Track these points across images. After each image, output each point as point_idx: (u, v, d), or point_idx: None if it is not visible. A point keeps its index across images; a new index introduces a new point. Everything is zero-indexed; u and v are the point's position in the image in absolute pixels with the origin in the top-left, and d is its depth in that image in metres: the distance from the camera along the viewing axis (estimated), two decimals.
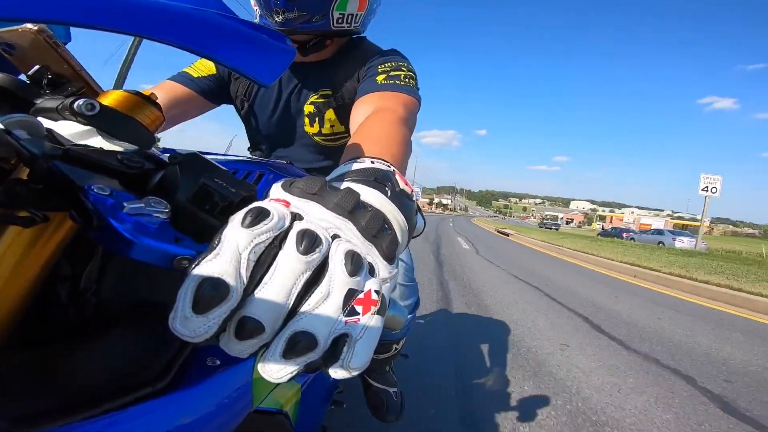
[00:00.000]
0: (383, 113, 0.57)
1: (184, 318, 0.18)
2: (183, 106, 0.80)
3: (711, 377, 2.25)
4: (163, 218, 0.24)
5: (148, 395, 0.27)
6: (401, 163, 0.42)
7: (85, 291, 0.32)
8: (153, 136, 0.34)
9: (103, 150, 0.28)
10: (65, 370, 0.26)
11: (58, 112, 0.29)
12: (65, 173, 0.23)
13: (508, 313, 3.19)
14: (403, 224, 0.26)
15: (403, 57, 0.76)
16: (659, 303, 4.40)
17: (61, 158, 0.24)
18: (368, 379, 1.00)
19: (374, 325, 0.20)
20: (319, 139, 0.84)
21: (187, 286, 0.18)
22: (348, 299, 0.20)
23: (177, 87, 0.80)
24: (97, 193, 0.22)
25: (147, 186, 0.28)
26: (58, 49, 0.35)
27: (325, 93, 0.79)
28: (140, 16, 0.23)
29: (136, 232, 0.21)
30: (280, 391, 0.45)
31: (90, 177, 0.25)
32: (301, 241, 0.20)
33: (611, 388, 1.96)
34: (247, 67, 0.27)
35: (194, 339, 0.18)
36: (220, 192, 0.26)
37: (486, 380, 1.92)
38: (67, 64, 0.36)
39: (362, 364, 0.20)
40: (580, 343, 2.62)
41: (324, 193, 0.23)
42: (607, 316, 3.48)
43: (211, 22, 0.27)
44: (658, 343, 2.80)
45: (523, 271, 5.94)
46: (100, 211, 0.22)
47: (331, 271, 0.20)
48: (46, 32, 0.35)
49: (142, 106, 0.33)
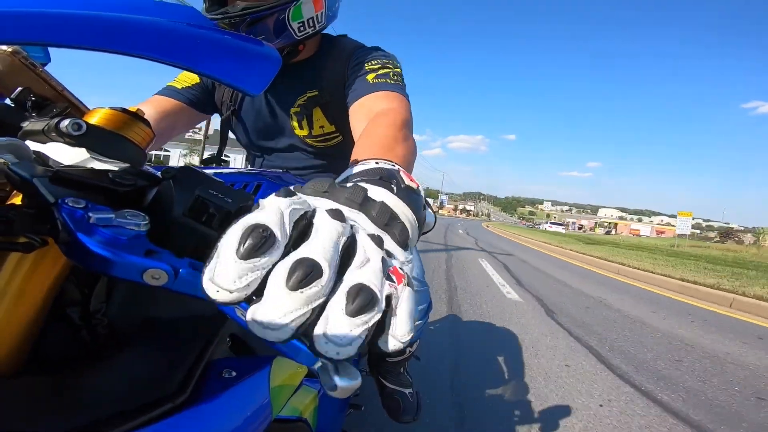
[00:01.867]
0: (384, 116, 0.58)
1: (225, 267, 0.16)
2: (172, 118, 0.79)
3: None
4: (137, 230, 0.23)
5: (169, 411, 0.26)
6: (405, 160, 0.43)
7: (96, 312, 0.31)
8: (144, 152, 0.34)
9: (94, 170, 0.28)
10: (83, 391, 0.26)
11: (45, 134, 0.28)
12: (41, 190, 0.23)
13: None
14: (411, 219, 0.27)
15: (388, 54, 0.76)
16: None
17: (50, 179, 0.23)
18: (383, 381, 1.00)
19: (409, 295, 0.20)
20: (310, 141, 0.83)
21: (233, 231, 0.17)
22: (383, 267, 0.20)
23: (164, 100, 0.79)
24: (70, 206, 0.22)
25: (142, 203, 0.28)
26: (36, 70, 0.35)
27: (312, 94, 0.78)
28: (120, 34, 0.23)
29: (102, 244, 0.20)
30: (298, 398, 0.45)
31: (70, 194, 0.24)
32: (333, 213, 0.20)
33: None
34: (234, 79, 0.26)
35: (231, 294, 0.16)
36: (216, 203, 0.25)
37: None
38: (48, 84, 0.35)
39: (408, 330, 0.19)
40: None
41: (334, 190, 0.24)
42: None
43: (194, 36, 0.26)
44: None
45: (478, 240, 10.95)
46: (68, 224, 0.21)
47: (362, 242, 0.20)
48: (21, 53, 0.34)
49: (130, 123, 0.33)
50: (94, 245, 0.20)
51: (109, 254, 0.20)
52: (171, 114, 0.79)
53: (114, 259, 0.20)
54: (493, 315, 2.93)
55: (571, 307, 3.51)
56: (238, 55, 0.28)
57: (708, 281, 5.73)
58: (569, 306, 3.57)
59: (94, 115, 0.32)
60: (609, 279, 6.09)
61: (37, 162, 0.25)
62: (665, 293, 5.15)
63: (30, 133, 0.29)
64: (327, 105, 0.78)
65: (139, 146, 0.33)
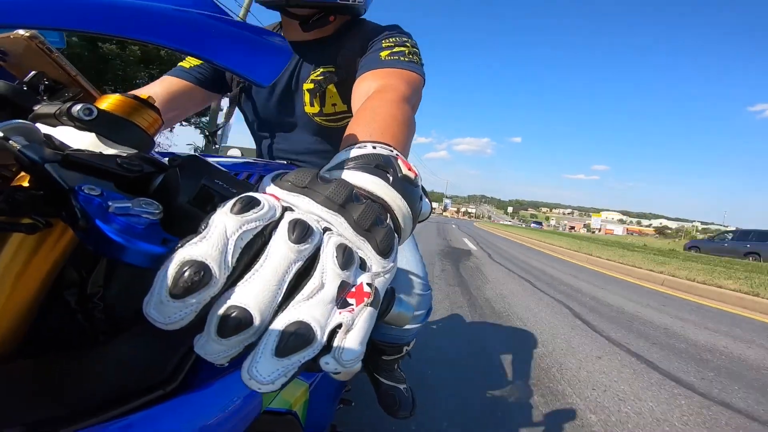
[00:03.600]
0: (385, 92, 0.55)
1: (159, 302, 0.16)
2: (182, 99, 0.79)
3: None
4: (153, 219, 0.23)
5: (159, 398, 0.27)
6: (404, 144, 0.41)
7: (92, 296, 0.31)
8: (152, 139, 0.34)
9: (103, 154, 0.28)
10: (77, 376, 0.26)
11: (56, 118, 0.29)
12: (55, 176, 0.23)
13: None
14: (406, 211, 0.26)
15: (406, 33, 0.74)
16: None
17: (60, 163, 0.24)
18: (378, 378, 1.00)
19: (367, 317, 0.19)
20: (320, 120, 0.80)
21: (167, 268, 0.17)
22: (340, 292, 0.19)
23: (174, 81, 0.79)
24: (87, 193, 0.22)
25: (148, 189, 0.28)
26: (51, 54, 0.35)
27: (327, 69, 0.77)
28: (135, 20, 0.23)
29: (121, 232, 0.21)
30: (288, 391, 0.45)
31: (84, 179, 0.24)
32: (293, 229, 0.19)
33: None
34: (244, 68, 0.27)
35: (167, 326, 0.17)
36: (221, 193, 0.26)
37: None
38: (62, 69, 0.36)
39: (355, 356, 0.19)
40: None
41: (315, 186, 0.23)
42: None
43: (206, 24, 0.27)
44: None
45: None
46: (86, 211, 0.21)
47: (323, 262, 0.19)
48: (38, 38, 0.35)
49: (140, 109, 0.33)
50: (112, 233, 0.21)
51: (127, 242, 0.21)
52: (180, 95, 0.79)
53: (132, 247, 0.21)
54: (462, 254, 7.03)
55: (500, 254, 8.02)
56: (249, 46, 0.28)
57: (603, 254, 8.84)
58: (499, 253, 8.24)
59: (105, 100, 0.33)
60: (538, 252, 9.98)
61: (46, 145, 0.26)
62: (567, 258, 8.80)
63: (41, 116, 0.30)
64: (342, 83, 0.76)
65: (147, 132, 0.33)
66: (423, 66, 0.68)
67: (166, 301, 0.16)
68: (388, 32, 0.73)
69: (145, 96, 0.34)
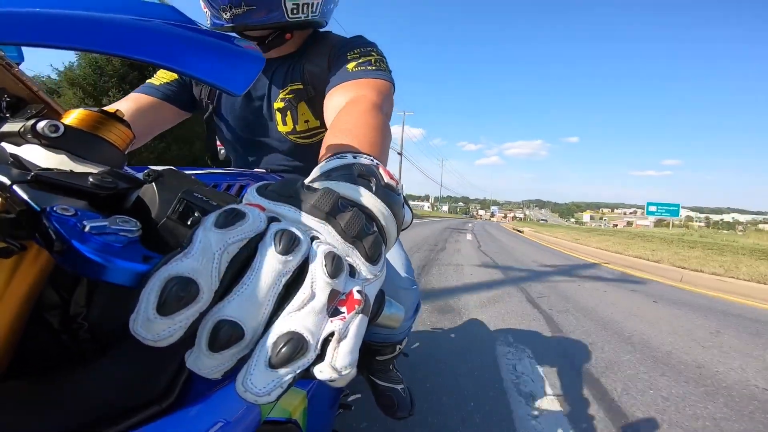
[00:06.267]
0: (358, 102, 0.56)
1: (147, 320, 0.16)
2: (151, 116, 0.77)
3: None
4: (131, 237, 0.23)
5: (156, 414, 0.26)
6: (382, 151, 0.41)
7: (76, 316, 0.30)
8: (124, 154, 0.33)
9: (73, 172, 0.27)
10: (67, 395, 0.25)
11: (20, 136, 0.27)
12: (24, 197, 0.22)
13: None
14: (390, 218, 0.26)
15: (370, 42, 0.75)
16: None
17: (28, 184, 0.23)
18: (374, 380, 1.00)
19: (359, 324, 0.20)
20: (294, 138, 0.80)
21: (153, 284, 0.16)
22: (331, 300, 0.19)
23: (142, 98, 0.77)
24: (59, 214, 0.21)
25: (123, 206, 0.27)
26: (11, 69, 0.33)
27: (296, 87, 0.77)
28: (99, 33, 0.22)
29: (100, 251, 0.20)
30: (287, 400, 0.45)
31: (54, 200, 0.23)
32: (280, 240, 0.19)
33: None
34: (216, 77, 0.26)
35: (156, 343, 0.16)
36: (200, 206, 0.25)
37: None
38: (23, 84, 0.34)
39: (349, 362, 0.19)
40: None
41: (300, 195, 0.22)
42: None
43: (173, 34, 0.26)
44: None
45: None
46: (61, 233, 0.20)
47: (312, 272, 0.19)
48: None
49: (108, 123, 0.32)
50: (91, 253, 0.20)
51: (107, 261, 0.20)
52: (149, 111, 0.76)
53: (112, 266, 0.20)
54: (460, 238, 10.23)
55: (490, 240, 10.77)
56: (220, 54, 0.27)
57: (590, 240, 10.80)
58: (490, 239, 11.02)
59: (71, 116, 0.31)
60: (532, 241, 11.72)
61: (13, 165, 0.25)
62: (550, 245, 10.51)
63: (5, 134, 0.28)
64: (312, 99, 0.76)
65: (118, 147, 0.32)
66: (391, 72, 0.70)
67: (153, 318, 0.16)
68: (353, 44, 0.74)
69: (112, 110, 0.33)
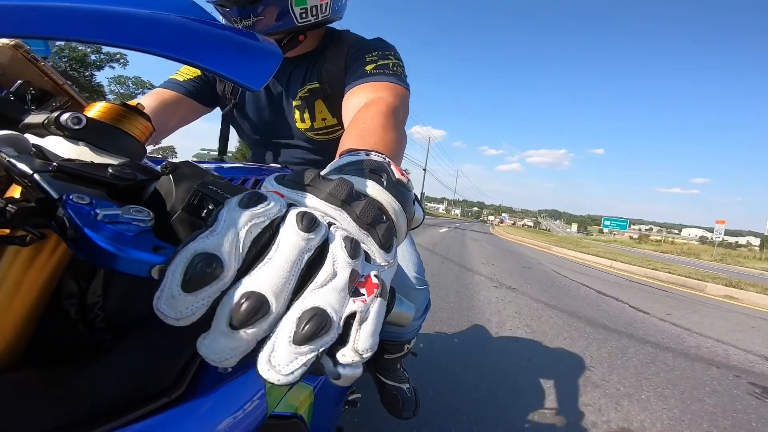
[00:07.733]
0: (375, 104, 0.57)
1: (171, 297, 0.16)
2: (173, 111, 0.79)
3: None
4: (143, 226, 0.23)
5: (165, 405, 0.26)
6: (396, 152, 0.42)
7: (93, 306, 0.31)
8: (143, 146, 0.34)
9: (94, 163, 0.28)
10: (80, 386, 0.26)
11: (44, 128, 0.28)
12: (44, 186, 0.23)
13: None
14: (400, 212, 0.26)
15: (389, 45, 0.75)
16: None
17: (50, 173, 0.23)
18: (381, 378, 1.00)
19: (378, 307, 0.20)
20: (311, 135, 0.82)
21: (178, 261, 0.17)
22: (351, 280, 0.19)
23: (165, 93, 0.79)
24: (75, 202, 0.22)
25: (141, 197, 0.28)
26: (37, 63, 0.34)
27: (313, 86, 0.78)
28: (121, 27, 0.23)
29: (111, 240, 0.20)
30: (293, 395, 0.45)
31: (74, 189, 0.24)
32: (302, 220, 0.19)
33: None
34: (234, 73, 0.26)
35: (179, 321, 0.17)
36: (216, 198, 0.25)
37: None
38: (48, 78, 0.35)
39: (370, 345, 0.19)
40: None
41: (317, 183, 0.23)
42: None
43: (192, 28, 0.26)
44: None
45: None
46: (75, 220, 0.21)
47: (333, 251, 0.19)
48: (23, 47, 0.34)
49: (129, 117, 0.33)
50: (102, 241, 0.20)
51: (118, 250, 0.20)
52: (172, 106, 0.78)
53: (122, 255, 0.20)
54: (454, 234, 13.63)
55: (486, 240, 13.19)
56: (239, 50, 0.28)
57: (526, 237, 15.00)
58: (485, 239, 14.14)
59: (94, 108, 0.32)
60: (514, 244, 12.94)
61: (36, 155, 0.25)
62: (533, 246, 12.36)
63: (29, 126, 0.29)
64: (329, 98, 0.77)
65: (138, 140, 0.33)
66: (407, 78, 0.70)
67: (178, 295, 0.16)
68: (372, 45, 0.74)
69: (134, 103, 0.34)
